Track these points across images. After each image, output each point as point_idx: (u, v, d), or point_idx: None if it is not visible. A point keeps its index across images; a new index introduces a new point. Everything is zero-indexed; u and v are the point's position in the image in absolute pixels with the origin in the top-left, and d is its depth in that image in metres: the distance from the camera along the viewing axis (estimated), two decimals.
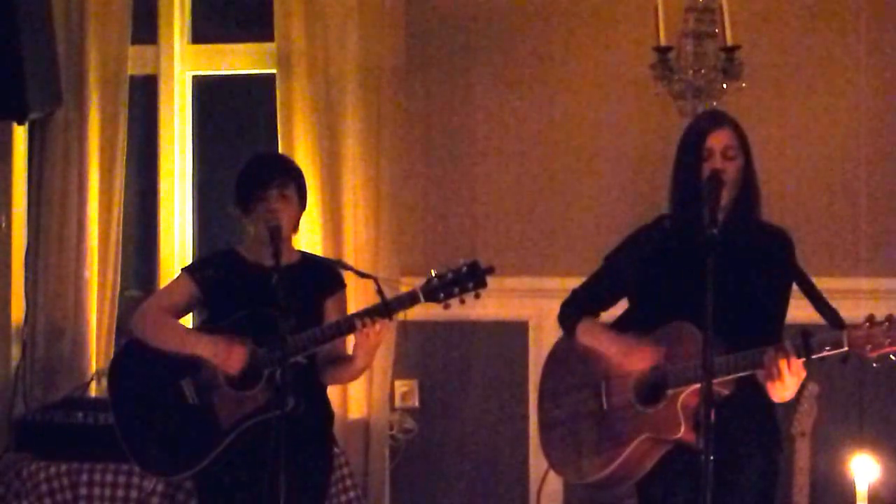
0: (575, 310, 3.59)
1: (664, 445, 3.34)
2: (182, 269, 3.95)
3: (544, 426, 3.63)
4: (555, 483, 4.71)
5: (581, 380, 3.53)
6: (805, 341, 3.15)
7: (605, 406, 3.45)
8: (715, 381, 3.16)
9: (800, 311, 3.41)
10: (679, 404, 3.27)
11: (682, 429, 3.25)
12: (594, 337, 3.51)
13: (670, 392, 3.30)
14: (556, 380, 3.63)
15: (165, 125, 5.12)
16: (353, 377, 3.95)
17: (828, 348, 3.13)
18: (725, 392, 3.24)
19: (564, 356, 3.62)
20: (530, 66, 4.89)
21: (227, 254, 3.93)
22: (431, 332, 4.83)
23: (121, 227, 5.00)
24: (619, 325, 3.54)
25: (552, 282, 4.75)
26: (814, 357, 3.14)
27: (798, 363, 3.15)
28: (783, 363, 3.13)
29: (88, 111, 4.96)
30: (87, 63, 4.96)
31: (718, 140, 3.34)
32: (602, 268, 3.60)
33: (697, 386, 3.17)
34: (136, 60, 5.06)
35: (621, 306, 3.59)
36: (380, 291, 3.65)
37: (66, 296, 4.96)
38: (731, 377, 3.22)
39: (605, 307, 3.61)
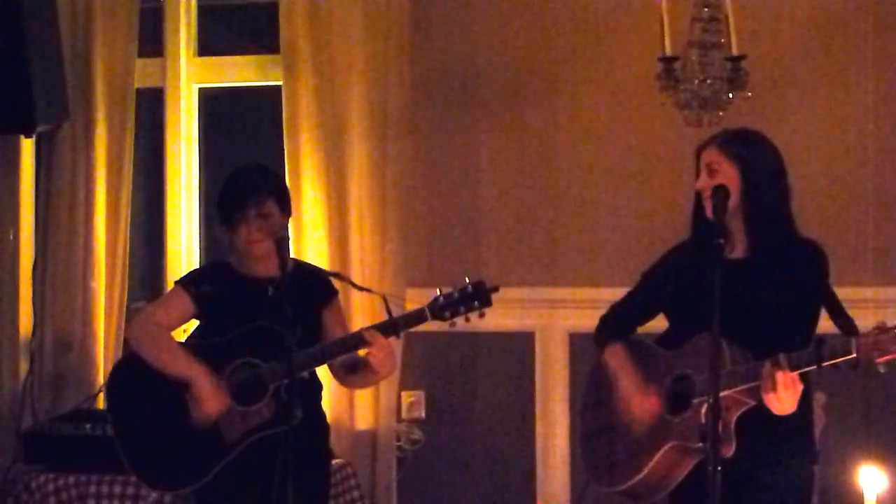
0: (610, 326, 3.63)
1: (694, 455, 3.33)
2: (176, 283, 3.90)
3: (584, 436, 3.68)
4: (563, 494, 4.73)
5: (614, 392, 3.54)
6: (817, 348, 3.15)
7: (636, 416, 3.47)
8: (736, 390, 3.20)
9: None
10: (704, 413, 3.26)
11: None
12: (615, 363, 3.55)
13: (696, 401, 3.31)
14: (595, 391, 3.66)
15: (172, 137, 5.14)
16: (374, 383, 4.04)
17: (837, 355, 3.13)
18: (752, 402, 3.25)
19: (603, 370, 3.64)
20: (535, 77, 4.89)
21: (220, 266, 3.90)
22: (438, 344, 4.83)
23: (128, 239, 5.01)
24: (659, 344, 3.55)
25: (558, 293, 4.76)
26: (824, 364, 3.15)
27: (792, 377, 3.16)
28: (779, 376, 3.15)
29: (95, 124, 4.98)
30: (94, 76, 4.98)
31: (704, 157, 3.41)
32: (638, 284, 3.64)
33: (722, 395, 3.17)
34: (142, 73, 5.08)
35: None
36: (388, 310, 3.65)
37: (73, 308, 4.97)
38: (743, 387, 3.23)
39: (641, 323, 3.64)
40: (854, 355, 3.12)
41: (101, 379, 4.93)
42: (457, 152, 4.95)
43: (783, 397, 3.18)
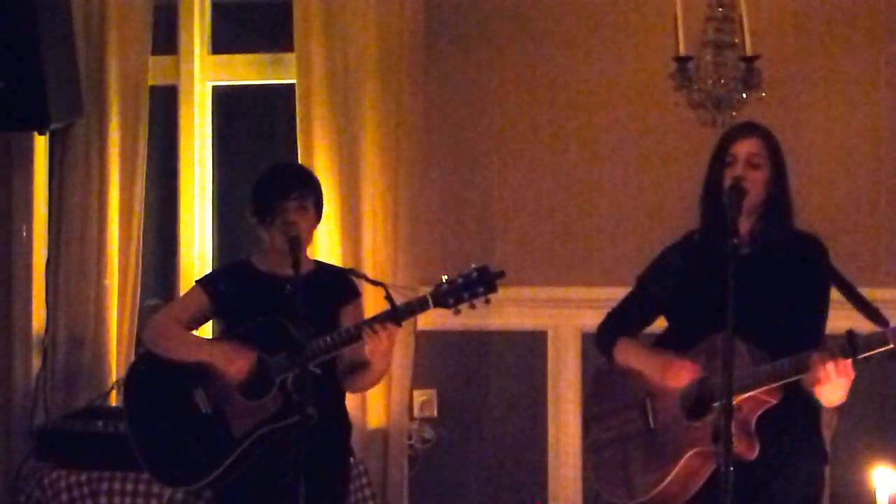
0: (610, 332, 3.57)
1: (714, 460, 3.26)
2: (196, 282, 3.97)
3: (593, 450, 3.60)
4: (574, 494, 4.73)
5: (625, 400, 3.49)
6: (850, 341, 3.14)
7: (652, 424, 3.42)
8: (763, 389, 3.19)
9: (840, 321, 3.40)
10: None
11: (735, 440, 3.10)
12: (631, 356, 3.49)
13: (717, 404, 3.23)
14: (600, 403, 3.60)
15: (185, 135, 5.14)
16: (375, 382, 3.90)
17: (873, 347, 3.13)
18: (773, 400, 3.23)
19: (606, 379, 3.59)
20: (549, 76, 4.89)
21: (241, 265, 3.93)
22: (450, 342, 4.83)
23: (141, 237, 5.02)
24: (660, 345, 3.51)
25: (571, 292, 4.75)
26: (860, 357, 3.14)
27: (847, 363, 3.14)
28: (831, 365, 3.13)
29: (109, 121, 4.98)
30: (107, 73, 4.98)
31: (743, 147, 3.36)
32: (635, 289, 3.60)
33: (745, 396, 3.17)
34: (156, 71, 5.09)
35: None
36: (388, 298, 3.64)
37: (86, 305, 4.98)
38: (778, 384, 3.21)
39: (641, 328, 3.59)
40: (891, 346, 3.10)
41: (113, 376, 4.95)
42: (471, 151, 4.95)
43: (840, 386, 3.16)
